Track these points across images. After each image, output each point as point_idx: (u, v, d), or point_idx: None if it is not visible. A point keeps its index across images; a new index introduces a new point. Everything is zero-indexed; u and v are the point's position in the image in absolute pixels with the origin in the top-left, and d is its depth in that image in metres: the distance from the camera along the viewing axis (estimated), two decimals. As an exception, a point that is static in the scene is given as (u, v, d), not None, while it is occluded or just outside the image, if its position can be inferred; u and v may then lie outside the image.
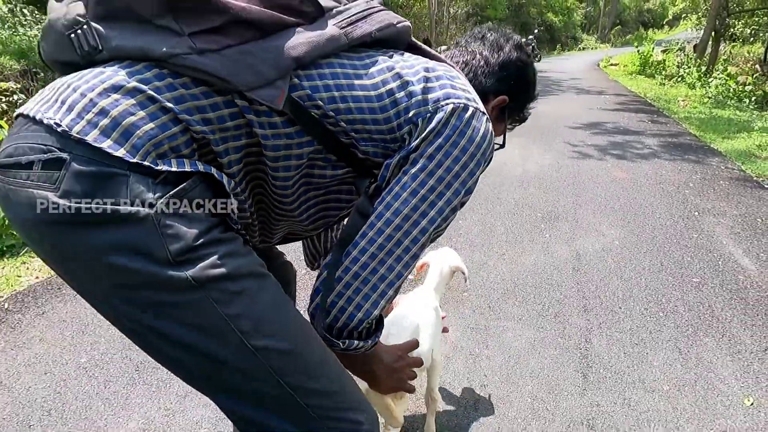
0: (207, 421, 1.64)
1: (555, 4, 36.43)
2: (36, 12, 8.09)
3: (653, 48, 18.13)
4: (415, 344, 1.01)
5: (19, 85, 5.87)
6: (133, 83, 0.62)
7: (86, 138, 0.58)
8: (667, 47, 21.06)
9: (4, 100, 5.56)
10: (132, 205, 0.59)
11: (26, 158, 0.59)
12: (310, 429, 0.71)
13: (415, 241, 0.75)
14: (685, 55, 14.31)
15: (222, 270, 0.63)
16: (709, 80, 10.92)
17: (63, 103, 0.61)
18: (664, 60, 15.33)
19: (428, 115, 0.73)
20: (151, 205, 0.60)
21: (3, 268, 2.92)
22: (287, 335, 0.69)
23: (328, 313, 0.75)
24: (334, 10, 0.74)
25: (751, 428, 1.59)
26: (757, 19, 19.96)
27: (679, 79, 12.15)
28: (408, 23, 0.82)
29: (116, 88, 0.61)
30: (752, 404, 1.68)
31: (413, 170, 0.73)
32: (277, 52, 0.67)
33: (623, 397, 1.72)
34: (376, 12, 0.77)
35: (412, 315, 1.27)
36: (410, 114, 0.73)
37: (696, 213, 3.34)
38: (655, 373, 1.83)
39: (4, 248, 3.12)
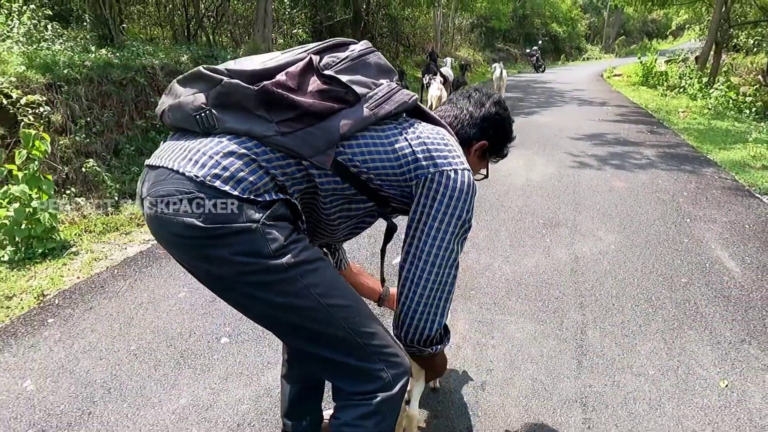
0: (248, 398, 1.89)
1: (559, 14, 36.77)
2: (58, 27, 8.43)
3: (656, 58, 18.38)
4: None
5: (44, 98, 6.17)
6: (242, 150, 0.94)
7: (214, 184, 0.91)
8: (671, 57, 21.31)
9: (30, 112, 5.86)
10: (246, 222, 0.91)
11: (176, 197, 0.92)
12: (368, 362, 1.03)
13: (451, 267, 1.09)
14: (686, 66, 14.52)
15: (302, 257, 0.97)
16: (710, 91, 11.13)
17: (197, 162, 0.94)
18: (667, 71, 15.56)
19: (429, 175, 1.05)
20: (257, 221, 0.92)
21: (47, 268, 3.18)
22: (347, 296, 1.04)
23: (415, 332, 1.11)
24: (367, 95, 1.04)
25: (724, 406, 1.81)
26: (760, 29, 20.20)
27: (681, 90, 12.38)
28: (416, 96, 1.13)
29: (231, 153, 0.94)
30: (727, 386, 1.91)
31: (430, 221, 1.05)
32: (329, 131, 0.98)
33: (613, 380, 1.95)
34: (396, 93, 1.08)
35: None
36: (416, 173, 1.05)
37: (688, 220, 3.57)
38: (641, 360, 2.06)
39: (47, 251, 3.39)
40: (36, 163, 3.44)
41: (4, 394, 1.95)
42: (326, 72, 1.02)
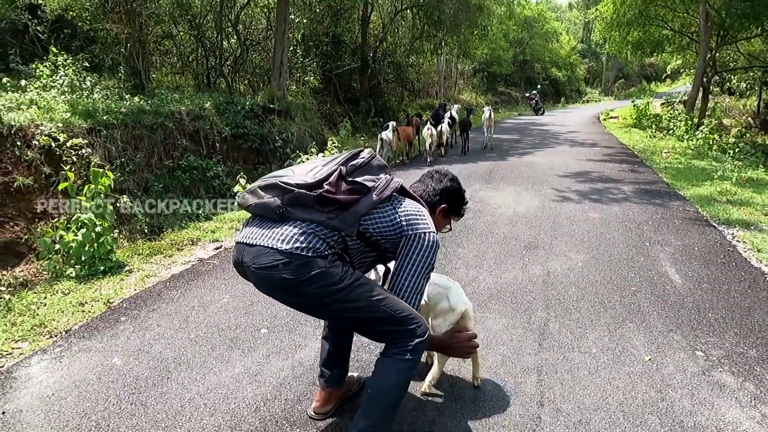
0: (286, 368, 2.50)
1: (558, 60, 38.17)
2: (95, 78, 9.35)
3: (652, 101, 19.31)
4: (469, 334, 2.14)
5: (86, 141, 6.96)
6: (309, 230, 1.65)
7: (297, 252, 1.60)
8: (667, 100, 22.29)
9: (73, 153, 6.64)
10: (318, 269, 1.61)
11: (271, 263, 1.62)
12: (404, 325, 1.72)
13: (418, 289, 1.78)
14: (674, 109, 15.38)
15: (353, 278, 1.69)
16: (696, 133, 11.89)
17: (284, 240, 1.64)
18: (661, 114, 16.41)
19: (411, 234, 1.76)
20: (323, 267, 1.62)
21: (108, 282, 3.84)
22: (381, 291, 1.76)
23: None
24: (375, 186, 1.76)
25: (644, 372, 2.40)
26: (751, 74, 21.21)
27: (669, 132, 13.17)
28: (401, 181, 1.87)
29: (303, 233, 1.65)
30: (649, 359, 2.51)
31: (408, 262, 1.75)
32: (356, 213, 1.70)
33: (564, 356, 2.55)
34: (390, 182, 1.82)
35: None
36: (402, 233, 1.76)
37: (647, 243, 4.20)
38: (588, 343, 2.66)
39: (107, 269, 4.05)
40: (102, 195, 4.14)
41: (98, 367, 2.57)
42: (349, 178, 1.75)
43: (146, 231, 6.99)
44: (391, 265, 1.86)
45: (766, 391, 2.27)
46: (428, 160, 9.18)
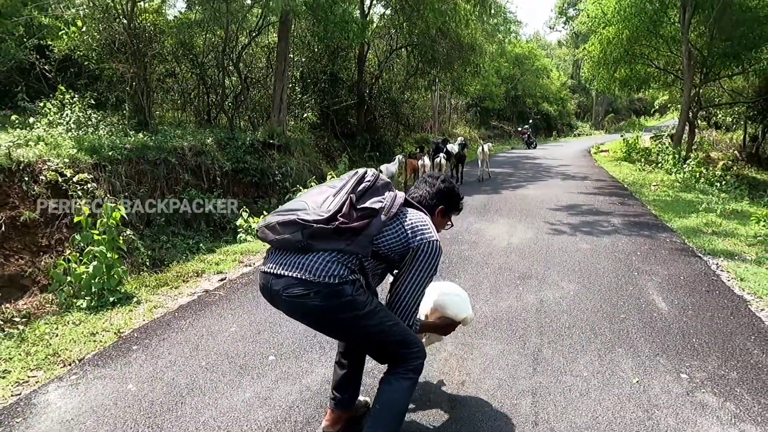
0: (294, 392, 2.63)
1: (549, 95, 39.16)
2: (100, 115, 9.62)
3: (641, 135, 19.85)
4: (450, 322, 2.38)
5: (91, 176, 7.16)
6: (333, 258, 1.85)
7: (325, 281, 1.82)
8: (656, 133, 22.88)
9: (79, 188, 6.83)
10: (345, 297, 1.83)
11: (302, 292, 1.84)
12: (409, 348, 1.98)
13: (419, 294, 1.99)
14: (662, 143, 15.83)
15: (373, 305, 1.92)
16: (683, 166, 12.26)
17: (311, 271, 1.84)
18: (650, 147, 16.87)
19: (416, 244, 1.95)
20: (350, 295, 1.84)
21: (117, 313, 3.97)
22: (393, 318, 1.98)
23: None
24: (382, 207, 1.95)
25: (632, 394, 2.56)
26: (736, 109, 21.90)
27: (657, 165, 13.55)
28: (404, 195, 2.09)
29: (328, 261, 1.85)
30: (637, 381, 2.66)
31: (413, 269, 1.95)
32: (368, 236, 1.90)
33: (557, 379, 2.70)
34: (395, 199, 2.01)
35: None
36: (409, 244, 1.95)
37: (636, 273, 4.39)
38: (579, 367, 2.81)
39: (116, 300, 4.18)
40: (113, 229, 4.31)
41: (114, 393, 2.69)
42: (359, 205, 1.93)
43: (148, 263, 7.13)
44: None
45: (746, 411, 2.42)
46: None
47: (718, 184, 10.77)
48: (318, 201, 1.94)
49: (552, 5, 54.21)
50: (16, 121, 7.95)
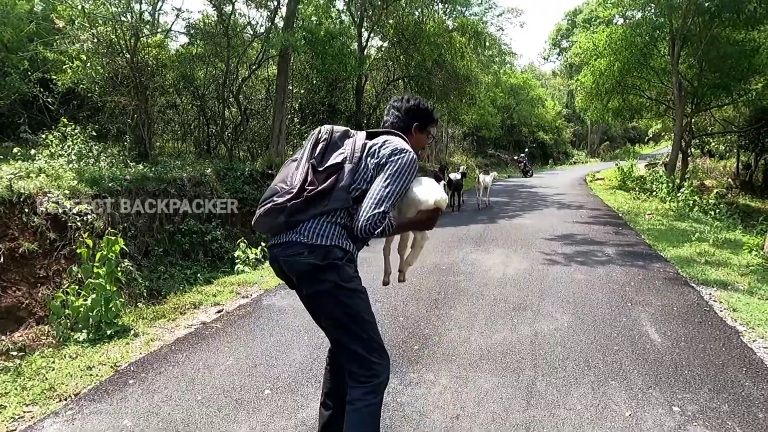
0: (290, 427, 2.65)
1: (545, 124, 39.72)
2: (101, 146, 9.75)
3: (636, 163, 20.08)
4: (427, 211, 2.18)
5: (91, 207, 7.23)
6: (321, 221, 1.95)
7: (315, 242, 1.93)
8: (651, 161, 23.16)
9: (78, 219, 6.89)
10: (335, 260, 1.93)
11: (297, 251, 1.94)
12: (375, 357, 1.99)
13: (391, 194, 1.92)
14: (655, 171, 16.02)
15: (359, 288, 2.01)
16: (677, 195, 12.40)
17: (303, 234, 1.94)
18: (645, 175, 17.06)
19: (385, 159, 1.96)
20: (341, 259, 1.94)
21: (115, 346, 3.98)
22: (371, 315, 2.05)
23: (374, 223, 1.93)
24: (345, 156, 2.01)
25: (625, 428, 2.58)
26: (729, 137, 22.24)
27: (652, 193, 13.70)
28: (363, 133, 2.12)
29: (318, 224, 1.95)
30: (630, 415, 2.68)
31: (387, 172, 1.94)
32: (343, 189, 1.95)
33: (550, 413, 2.72)
34: (355, 143, 2.04)
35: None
36: (380, 162, 1.97)
37: (629, 304, 4.43)
38: (573, 400, 2.84)
39: (113, 333, 4.20)
40: (112, 262, 4.36)
41: (110, 429, 2.71)
42: (320, 168, 1.99)
43: (145, 294, 7.14)
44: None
45: (737, 444, 2.44)
46: None
47: (712, 213, 10.87)
48: (287, 178, 2.01)
49: (546, 37, 55.49)
50: (18, 153, 8.07)
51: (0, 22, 10.93)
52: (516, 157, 27.66)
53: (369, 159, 2.00)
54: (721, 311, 4.33)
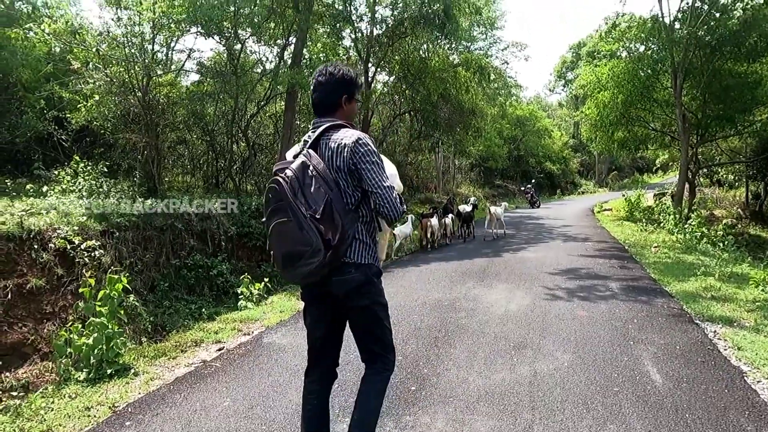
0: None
1: (551, 154, 39.90)
2: (112, 182, 9.93)
3: (644, 192, 20.00)
4: None
5: (99, 243, 7.34)
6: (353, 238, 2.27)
7: (362, 262, 2.28)
8: (660, 191, 23.05)
9: (86, 255, 6.99)
10: (376, 276, 2.34)
11: (347, 271, 2.25)
12: (390, 353, 2.40)
13: (383, 178, 2.20)
14: (662, 202, 15.95)
15: (384, 297, 2.40)
16: (685, 226, 12.29)
17: (350, 257, 2.26)
18: (653, 206, 16.97)
19: (348, 152, 2.19)
20: (377, 278, 2.35)
21: (114, 386, 4.00)
22: (390, 321, 2.42)
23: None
24: (326, 191, 2.14)
25: (622, 474, 2.53)
26: (737, 167, 22.18)
27: (660, 225, 13.60)
28: (299, 146, 2.33)
29: (357, 246, 2.30)
30: (627, 461, 2.63)
31: (367, 169, 2.18)
32: (346, 213, 2.20)
33: (546, 458, 2.68)
34: (315, 163, 2.19)
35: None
36: (348, 162, 2.21)
37: (631, 342, 4.38)
38: (570, 445, 2.79)
39: (113, 372, 4.22)
40: (115, 300, 4.42)
41: (104, 473, 2.70)
42: (318, 216, 2.11)
43: (150, 330, 7.16)
44: None
45: (737, 493, 2.38)
46: (428, 247, 10.82)
47: (721, 245, 10.76)
48: (301, 241, 2.11)
49: (551, 69, 56.33)
50: (31, 190, 8.25)
51: (19, 63, 11.35)
52: (523, 188, 27.71)
53: (337, 172, 2.20)
54: (725, 350, 4.26)
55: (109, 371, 4.18)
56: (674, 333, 4.64)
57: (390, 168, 2.42)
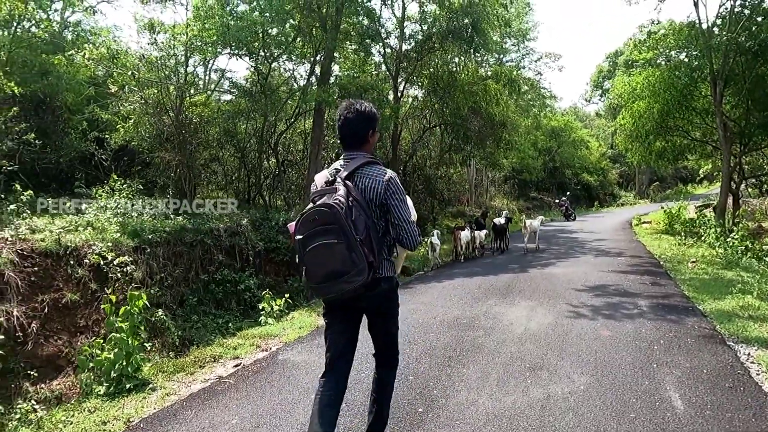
0: None
1: (589, 165, 38.97)
2: (147, 199, 10.29)
3: (687, 204, 19.21)
4: None
5: (131, 259, 7.59)
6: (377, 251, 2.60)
7: (387, 275, 2.70)
8: (704, 202, 22.10)
9: (119, 270, 7.23)
10: (397, 287, 2.80)
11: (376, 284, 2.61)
12: (394, 351, 2.87)
13: (409, 212, 2.63)
14: (703, 214, 15.30)
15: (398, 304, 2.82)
16: (727, 240, 11.71)
17: (380, 271, 2.65)
18: (694, 218, 16.25)
19: (381, 188, 2.58)
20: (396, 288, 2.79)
21: (132, 401, 4.10)
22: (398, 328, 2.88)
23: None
24: (365, 220, 2.48)
25: None
26: (789, 176, 21.05)
27: (701, 238, 13.00)
28: (367, 156, 2.70)
29: (384, 263, 2.71)
30: (635, 495, 2.50)
31: (395, 203, 2.59)
32: (378, 240, 2.57)
33: (550, 489, 2.57)
34: (360, 159, 2.64)
35: None
36: (381, 199, 2.60)
37: (655, 365, 4.18)
38: (576, 475, 2.67)
39: (132, 386, 4.33)
40: (135, 316, 4.55)
41: (109, 489, 2.76)
42: (360, 238, 2.40)
43: (177, 344, 7.33)
44: None
45: None
46: (461, 259, 11.48)
47: (766, 260, 10.19)
48: (347, 259, 2.38)
49: (588, 79, 55.27)
50: (70, 207, 8.65)
51: (64, 87, 11.99)
52: (557, 200, 27.12)
53: (368, 203, 2.53)
54: (757, 374, 4.01)
55: (128, 386, 4.29)
56: (703, 355, 4.40)
57: (408, 201, 2.71)
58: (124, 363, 4.38)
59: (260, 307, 7.24)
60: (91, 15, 16.81)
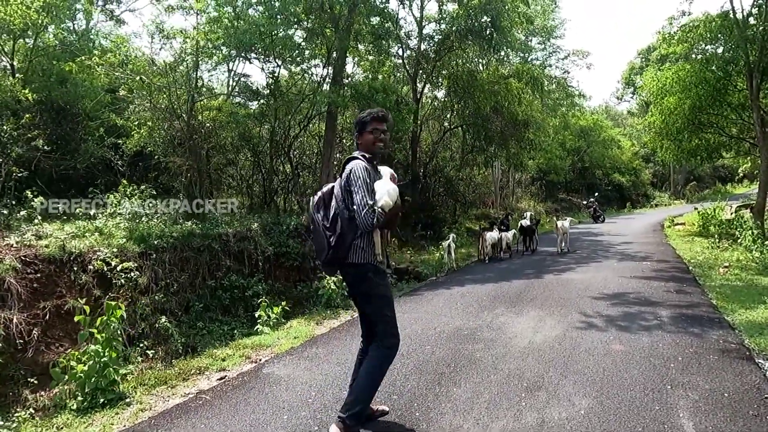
0: None
1: (620, 165, 37.75)
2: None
3: (725, 204, 18.20)
4: None
5: (136, 264, 7.49)
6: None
7: (355, 261, 3.11)
8: (744, 202, 20.93)
9: (123, 276, 7.13)
10: (369, 272, 3.13)
11: (347, 270, 3.19)
12: (393, 328, 3.16)
13: (363, 196, 2.97)
14: (739, 215, 14.41)
15: (384, 282, 3.19)
16: (765, 242, 10.92)
17: (350, 258, 3.14)
18: (731, 219, 15.34)
19: (346, 176, 3.07)
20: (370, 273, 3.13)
21: (103, 417, 3.92)
22: (392, 303, 3.21)
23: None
24: (336, 204, 3.11)
25: None
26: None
27: (736, 240, 12.20)
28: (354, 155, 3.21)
29: (356, 250, 3.17)
30: None
31: (353, 188, 3.02)
32: (346, 222, 3.09)
33: None
34: (336, 185, 3.17)
35: None
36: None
37: (669, 387, 3.73)
38: None
39: (106, 401, 4.14)
40: (112, 327, 4.37)
41: None
42: (327, 224, 3.10)
43: (180, 351, 7.18)
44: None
45: None
46: (485, 260, 11.56)
47: (810, 264, 9.41)
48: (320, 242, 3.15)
49: (619, 76, 53.70)
50: (81, 213, 8.64)
51: (80, 95, 12.14)
52: (585, 202, 26.23)
53: (343, 192, 3.06)
54: (788, 400, 3.52)
55: (101, 400, 4.11)
56: (725, 375, 3.93)
57: (385, 186, 3.01)
58: (98, 376, 4.20)
59: (256, 315, 7.03)
60: (118, 25, 17.06)
